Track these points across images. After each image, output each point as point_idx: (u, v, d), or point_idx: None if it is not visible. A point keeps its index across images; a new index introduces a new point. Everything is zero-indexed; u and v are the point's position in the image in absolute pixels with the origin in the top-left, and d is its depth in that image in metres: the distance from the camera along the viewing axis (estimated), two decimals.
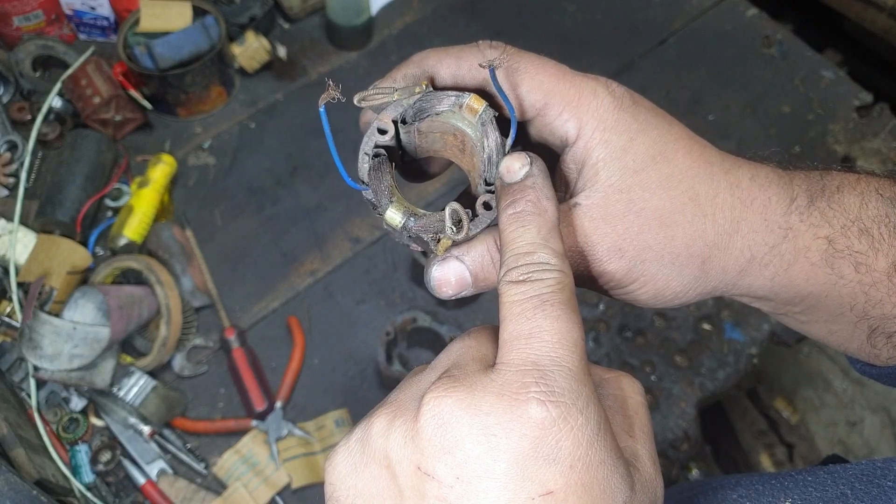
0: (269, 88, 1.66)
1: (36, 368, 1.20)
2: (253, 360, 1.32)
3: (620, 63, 1.73)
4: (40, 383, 1.24)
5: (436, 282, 0.44)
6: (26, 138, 1.43)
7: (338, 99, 0.41)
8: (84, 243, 1.36)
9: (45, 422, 1.21)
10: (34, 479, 1.07)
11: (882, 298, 0.44)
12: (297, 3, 1.71)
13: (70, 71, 1.48)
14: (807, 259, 0.44)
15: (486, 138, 0.43)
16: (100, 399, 1.25)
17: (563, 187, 0.47)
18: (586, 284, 0.46)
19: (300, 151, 1.59)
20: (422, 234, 0.43)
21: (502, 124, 0.43)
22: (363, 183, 0.43)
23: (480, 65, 0.43)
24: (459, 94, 0.44)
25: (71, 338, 1.17)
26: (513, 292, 0.36)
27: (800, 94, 1.72)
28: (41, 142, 1.45)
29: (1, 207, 1.39)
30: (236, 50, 1.57)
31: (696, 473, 1.93)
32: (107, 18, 1.61)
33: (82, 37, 1.65)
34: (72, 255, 1.29)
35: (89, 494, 1.17)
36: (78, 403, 1.25)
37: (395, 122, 0.44)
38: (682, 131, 0.45)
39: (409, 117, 0.45)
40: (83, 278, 1.31)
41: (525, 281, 0.36)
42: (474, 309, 1.42)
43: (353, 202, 1.52)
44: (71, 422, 1.22)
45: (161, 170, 1.43)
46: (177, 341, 1.29)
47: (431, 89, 0.45)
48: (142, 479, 1.21)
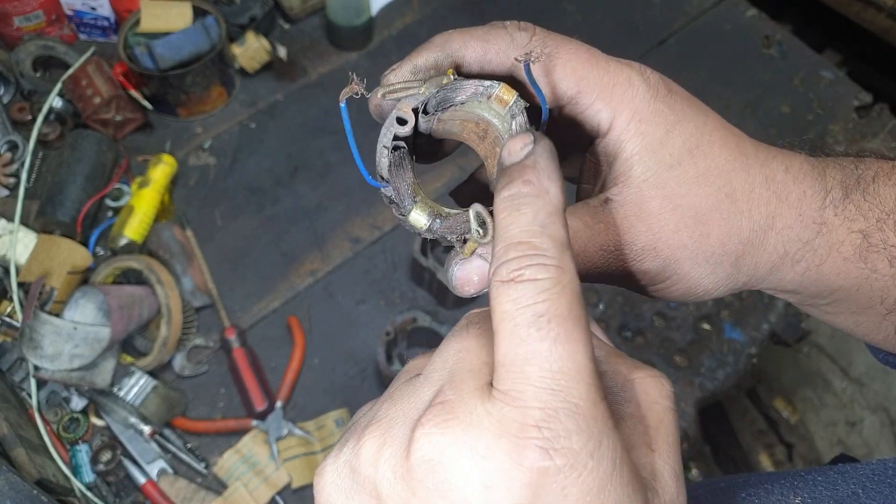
0: (270, 89, 1.66)
1: (36, 368, 1.20)
2: (253, 359, 1.32)
3: None
4: (41, 383, 1.25)
5: (458, 281, 0.41)
6: (27, 138, 1.43)
7: (361, 94, 0.38)
8: (84, 243, 1.37)
9: (45, 421, 1.22)
10: (35, 478, 1.07)
11: None
12: (297, 3, 1.71)
13: (70, 71, 1.48)
14: (839, 254, 0.43)
15: (515, 130, 0.40)
16: (100, 399, 1.25)
17: (591, 180, 0.45)
18: (616, 282, 0.44)
19: (300, 151, 1.59)
20: (447, 236, 0.40)
21: (531, 114, 0.40)
22: (383, 180, 0.40)
23: (517, 59, 0.40)
24: (489, 83, 0.40)
25: (71, 338, 1.17)
26: (503, 299, 0.31)
27: (799, 95, 1.72)
28: (42, 142, 1.45)
29: (1, 207, 1.39)
30: (236, 50, 1.57)
31: (695, 473, 1.93)
32: (107, 19, 1.61)
33: (83, 37, 1.65)
34: (72, 255, 1.29)
35: (90, 494, 1.17)
36: (78, 403, 1.25)
37: (415, 111, 0.40)
38: (717, 122, 0.43)
39: (431, 107, 0.41)
40: (84, 278, 1.31)
41: (516, 281, 0.31)
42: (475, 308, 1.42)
43: (354, 202, 1.53)
44: (71, 421, 1.22)
45: (161, 170, 1.43)
46: (177, 341, 1.30)
47: (454, 76, 0.41)
48: (142, 479, 1.21)
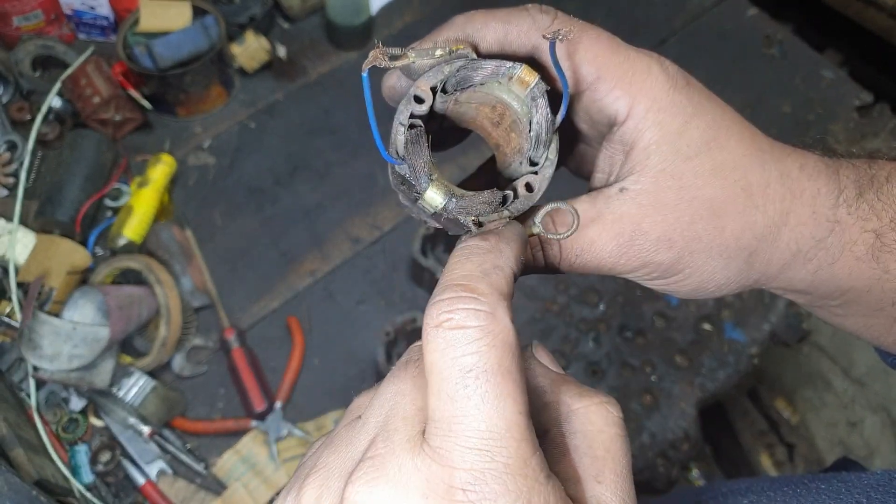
0: (269, 88, 1.65)
1: (35, 368, 1.20)
2: (253, 360, 1.32)
3: None
4: (40, 383, 1.24)
5: None
6: (26, 138, 1.43)
7: (385, 64, 0.37)
8: (84, 243, 1.36)
9: (44, 422, 1.21)
10: (34, 479, 1.07)
11: None
12: (297, 2, 1.70)
13: (70, 71, 1.47)
14: (852, 253, 0.43)
15: (535, 113, 0.40)
16: (99, 399, 1.24)
17: (605, 170, 0.45)
18: (628, 273, 0.44)
19: (300, 151, 1.58)
20: (460, 217, 0.39)
21: (550, 99, 0.40)
22: (399, 157, 0.39)
23: (544, 36, 0.39)
24: (510, 63, 0.40)
25: (70, 338, 1.17)
26: (431, 348, 0.31)
27: (800, 94, 1.72)
28: (41, 142, 1.45)
29: (0, 207, 1.38)
30: (236, 50, 1.57)
31: (696, 474, 1.93)
32: (106, 18, 1.61)
33: (82, 36, 1.65)
34: (71, 255, 1.29)
35: (89, 495, 1.17)
36: (77, 403, 1.25)
37: (433, 90, 0.40)
38: (734, 116, 0.43)
39: (449, 86, 0.40)
40: (83, 278, 1.31)
41: (444, 327, 0.31)
42: None
43: (353, 202, 1.52)
44: (70, 422, 1.22)
45: (161, 170, 1.43)
46: (176, 341, 1.29)
47: (474, 55, 0.41)
48: (141, 480, 1.21)
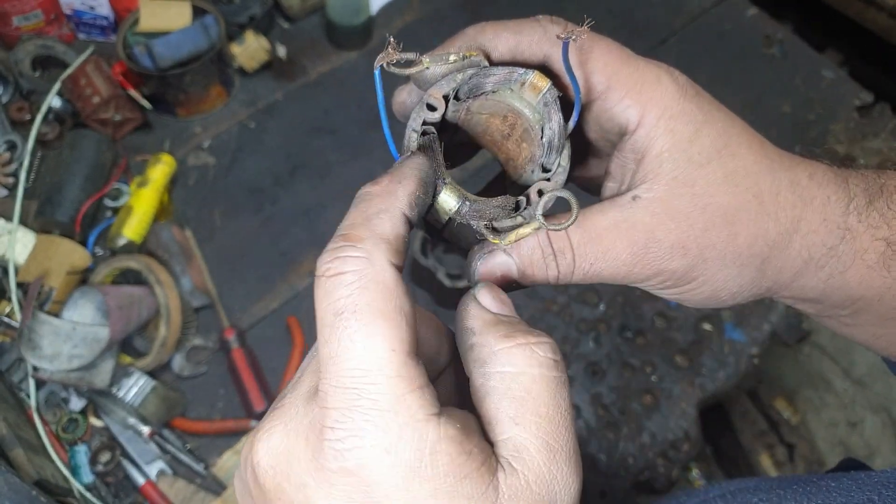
0: (269, 88, 1.65)
1: (35, 368, 1.19)
2: (252, 360, 1.32)
3: None
4: (40, 383, 1.24)
5: (480, 276, 0.41)
6: (26, 138, 1.43)
7: (398, 61, 0.37)
8: (83, 243, 1.36)
9: (44, 422, 1.21)
10: (33, 479, 1.07)
11: None
12: (297, 2, 1.70)
13: (69, 71, 1.47)
14: (863, 261, 0.43)
15: (548, 121, 0.40)
16: (99, 399, 1.24)
17: (617, 179, 0.45)
18: (640, 282, 0.43)
19: (300, 151, 1.58)
20: (472, 222, 0.39)
21: (562, 108, 0.41)
22: None
23: (558, 36, 0.40)
24: (522, 70, 0.40)
25: (70, 338, 1.17)
26: (316, 296, 0.33)
27: (800, 94, 1.72)
28: (40, 142, 1.44)
29: (0, 207, 1.38)
30: (236, 50, 1.57)
31: (696, 474, 1.93)
32: (106, 18, 1.61)
33: (82, 36, 1.65)
34: (71, 255, 1.29)
35: (88, 495, 1.17)
36: (77, 404, 1.25)
37: (446, 98, 0.40)
38: (743, 125, 0.43)
39: (462, 93, 0.41)
40: (82, 278, 1.31)
41: (325, 276, 0.32)
42: None
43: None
44: (70, 422, 1.22)
45: (160, 170, 1.43)
46: (176, 341, 1.29)
47: (486, 63, 0.41)
48: (141, 480, 1.21)
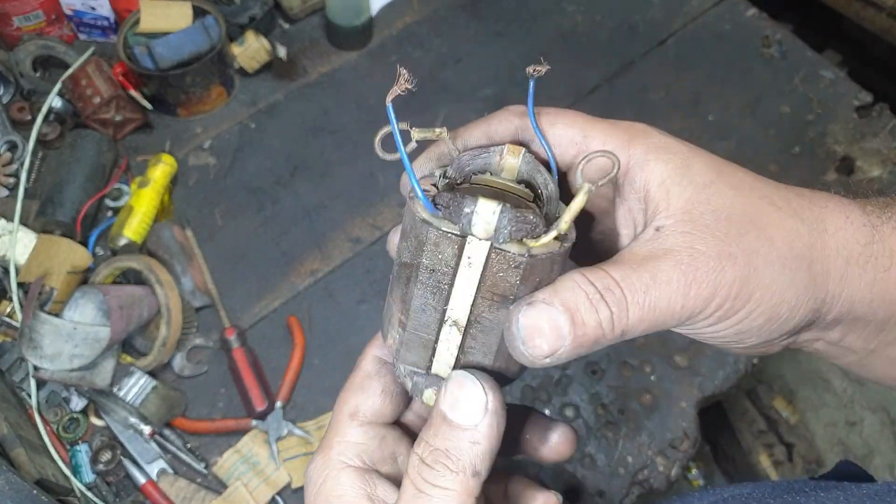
0: (269, 88, 1.66)
1: (36, 368, 1.20)
2: (253, 360, 1.32)
3: (620, 63, 1.73)
4: (40, 383, 1.24)
5: (526, 332, 0.35)
6: (26, 138, 1.43)
7: (409, 91, 0.38)
8: (84, 243, 1.36)
9: (45, 422, 1.21)
10: (34, 478, 1.07)
11: None
12: (297, 3, 1.71)
13: (70, 71, 1.48)
14: None
15: (537, 177, 0.42)
16: (100, 399, 1.25)
17: (630, 226, 0.44)
18: (698, 313, 0.38)
19: (300, 151, 1.59)
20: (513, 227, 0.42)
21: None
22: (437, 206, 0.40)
23: (527, 70, 0.41)
24: (494, 147, 0.43)
25: (71, 338, 1.17)
26: (418, 479, 0.37)
27: (799, 95, 1.72)
28: (41, 142, 1.45)
29: (1, 207, 1.38)
30: (236, 50, 1.57)
31: (695, 473, 1.93)
32: (107, 18, 1.61)
33: (82, 37, 1.65)
34: (72, 255, 1.29)
35: (89, 494, 1.17)
36: (78, 403, 1.25)
37: (435, 186, 0.43)
38: (730, 162, 0.43)
39: (450, 177, 0.43)
40: (83, 278, 1.31)
41: (430, 466, 0.37)
42: None
43: (354, 202, 1.52)
44: (71, 422, 1.22)
45: (161, 170, 1.43)
46: (177, 341, 1.29)
47: (447, 135, 0.44)
48: (142, 479, 1.21)
